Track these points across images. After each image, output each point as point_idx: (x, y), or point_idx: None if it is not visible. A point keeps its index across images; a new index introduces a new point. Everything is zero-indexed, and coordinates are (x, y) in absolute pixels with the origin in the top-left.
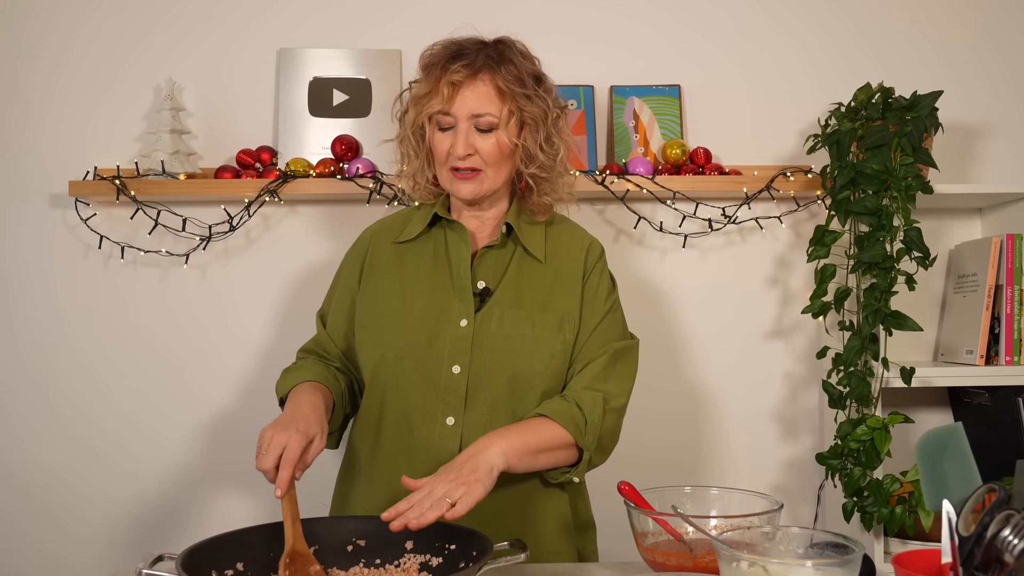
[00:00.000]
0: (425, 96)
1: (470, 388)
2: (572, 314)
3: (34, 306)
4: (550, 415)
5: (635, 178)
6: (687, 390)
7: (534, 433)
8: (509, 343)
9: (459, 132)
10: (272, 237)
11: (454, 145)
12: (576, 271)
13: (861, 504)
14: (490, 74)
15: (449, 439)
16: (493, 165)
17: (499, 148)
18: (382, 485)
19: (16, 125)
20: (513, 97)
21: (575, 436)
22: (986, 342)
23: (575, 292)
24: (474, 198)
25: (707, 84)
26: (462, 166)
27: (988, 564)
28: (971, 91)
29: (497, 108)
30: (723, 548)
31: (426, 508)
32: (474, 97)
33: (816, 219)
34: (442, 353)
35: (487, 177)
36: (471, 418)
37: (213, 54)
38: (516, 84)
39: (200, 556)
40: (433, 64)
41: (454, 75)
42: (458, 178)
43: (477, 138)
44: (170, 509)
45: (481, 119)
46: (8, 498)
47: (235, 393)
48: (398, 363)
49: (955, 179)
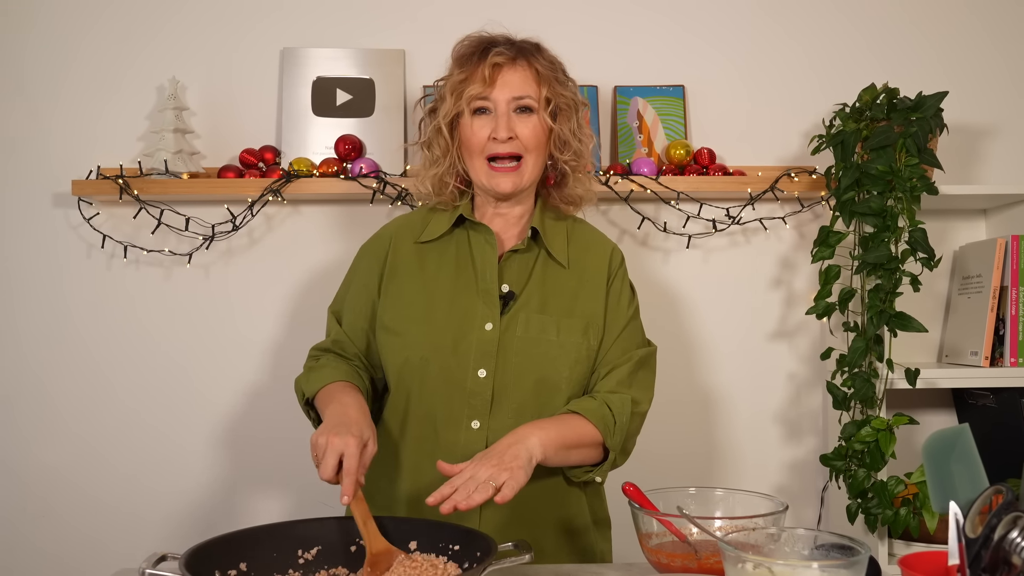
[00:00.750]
0: (463, 82)
1: (496, 392)
2: (597, 320)
3: (37, 305)
4: (582, 412)
5: (639, 178)
6: (690, 391)
7: (569, 428)
8: (536, 348)
9: (499, 116)
10: (275, 237)
11: (495, 129)
12: (600, 277)
13: (865, 506)
14: (527, 59)
15: (475, 442)
16: (533, 150)
17: (538, 132)
18: (404, 486)
19: (20, 124)
20: (549, 83)
21: (604, 435)
22: (991, 343)
23: (599, 298)
24: (515, 191)
25: (711, 84)
26: (503, 151)
27: (996, 566)
28: (976, 92)
29: (535, 92)
30: (729, 549)
31: (472, 491)
32: (515, 79)
33: (820, 220)
34: (468, 357)
35: (527, 166)
36: (496, 422)
37: (216, 53)
38: (551, 70)
39: (203, 556)
40: (469, 53)
41: (496, 58)
42: (497, 171)
43: (517, 122)
44: (173, 509)
45: (521, 101)
46: (11, 497)
47: (238, 393)
48: (423, 366)
49: (960, 180)
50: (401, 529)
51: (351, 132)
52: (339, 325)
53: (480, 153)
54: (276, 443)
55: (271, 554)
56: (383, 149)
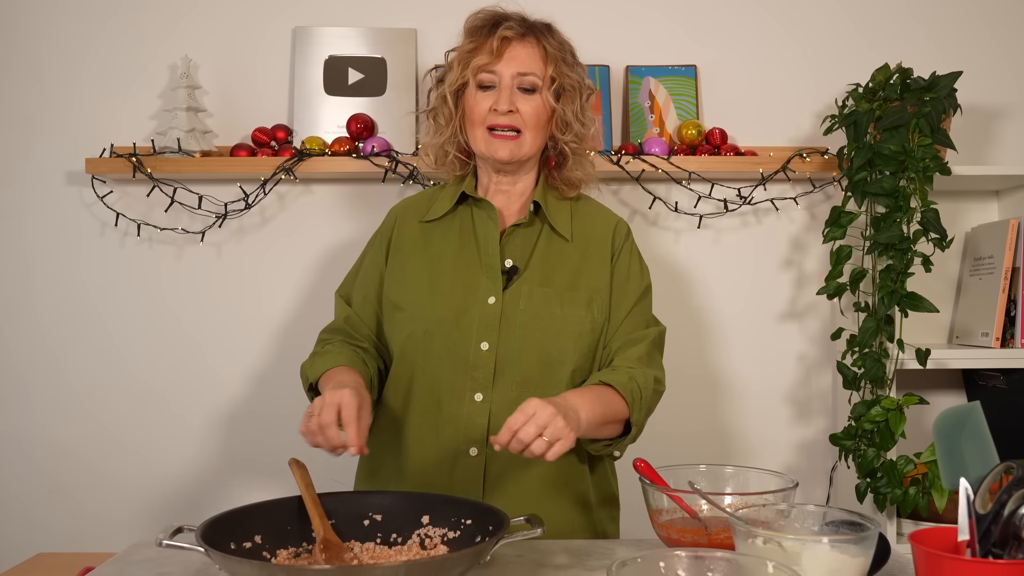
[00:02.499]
0: (471, 52)
1: (499, 365)
2: (601, 294)
3: (51, 283)
4: (614, 385)
5: (650, 158)
6: (701, 371)
7: (605, 405)
8: (538, 321)
9: (502, 90)
10: (287, 215)
11: (497, 101)
12: (604, 250)
13: (874, 485)
14: (537, 37)
15: (478, 415)
16: (532, 128)
17: (539, 111)
18: (409, 459)
19: (34, 103)
20: (556, 62)
21: (631, 409)
22: (1002, 325)
23: (604, 271)
24: (511, 160)
25: (723, 64)
26: (502, 123)
27: (1005, 541)
28: (991, 72)
29: (541, 70)
30: (739, 525)
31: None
32: (522, 55)
33: (832, 200)
34: (470, 330)
35: (525, 140)
36: (499, 394)
37: (229, 32)
38: (559, 51)
39: (219, 527)
40: (481, 25)
41: (505, 31)
42: (496, 138)
43: (519, 98)
44: (184, 486)
45: (525, 78)
46: (26, 473)
47: (250, 370)
48: (427, 339)
49: (973, 161)
50: (414, 504)
51: (363, 111)
52: (349, 307)
53: (481, 124)
54: (288, 419)
55: (285, 527)
56: (395, 128)
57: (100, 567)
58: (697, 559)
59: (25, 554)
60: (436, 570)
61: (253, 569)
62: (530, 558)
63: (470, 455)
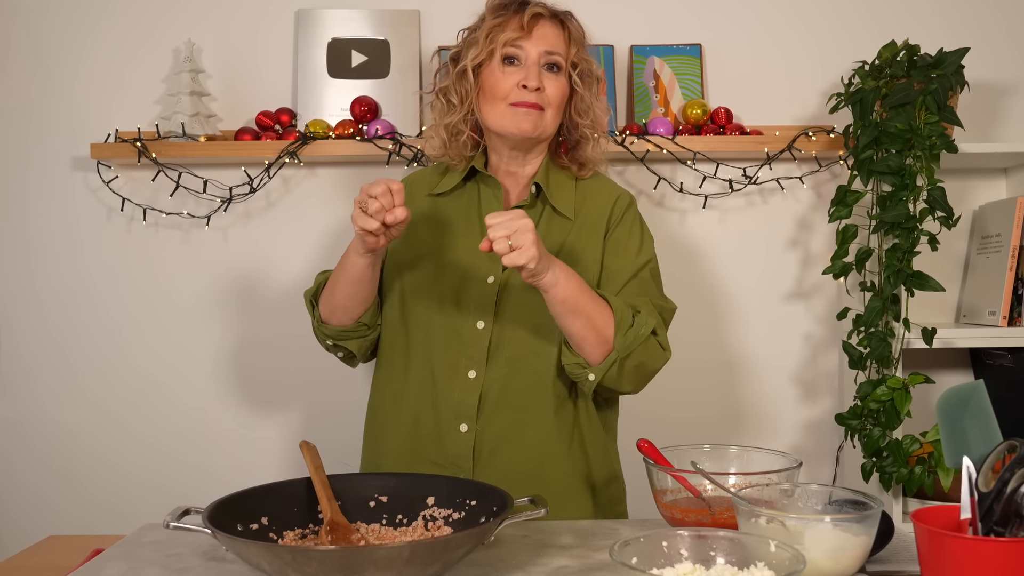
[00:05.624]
0: (498, 27)
1: (492, 343)
2: (593, 266)
3: (58, 269)
4: (607, 299)
5: (655, 139)
6: (707, 352)
7: (589, 297)
8: (534, 297)
9: (529, 66)
10: (292, 199)
11: (527, 77)
12: (600, 225)
13: (880, 464)
14: (562, 20)
15: (470, 392)
16: (555, 107)
17: (563, 91)
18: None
19: (38, 88)
20: (578, 46)
21: (616, 328)
22: (1009, 303)
23: (596, 244)
24: (534, 133)
25: (728, 43)
26: (529, 100)
27: (1007, 519)
28: (999, 49)
29: (565, 51)
30: (742, 504)
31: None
32: (551, 35)
33: (838, 180)
34: (468, 308)
35: (547, 117)
36: (493, 372)
37: (232, 16)
38: (580, 35)
39: (226, 510)
40: (508, 3)
41: (535, 8)
42: (521, 109)
43: (545, 77)
44: (191, 469)
45: (552, 57)
46: (34, 459)
47: (257, 355)
48: (427, 316)
49: (980, 138)
50: (419, 486)
51: (366, 93)
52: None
53: (504, 100)
54: (295, 403)
55: (291, 509)
56: (398, 110)
57: (109, 549)
58: (700, 538)
59: (35, 537)
60: (440, 551)
61: (260, 550)
62: (535, 538)
63: (460, 431)
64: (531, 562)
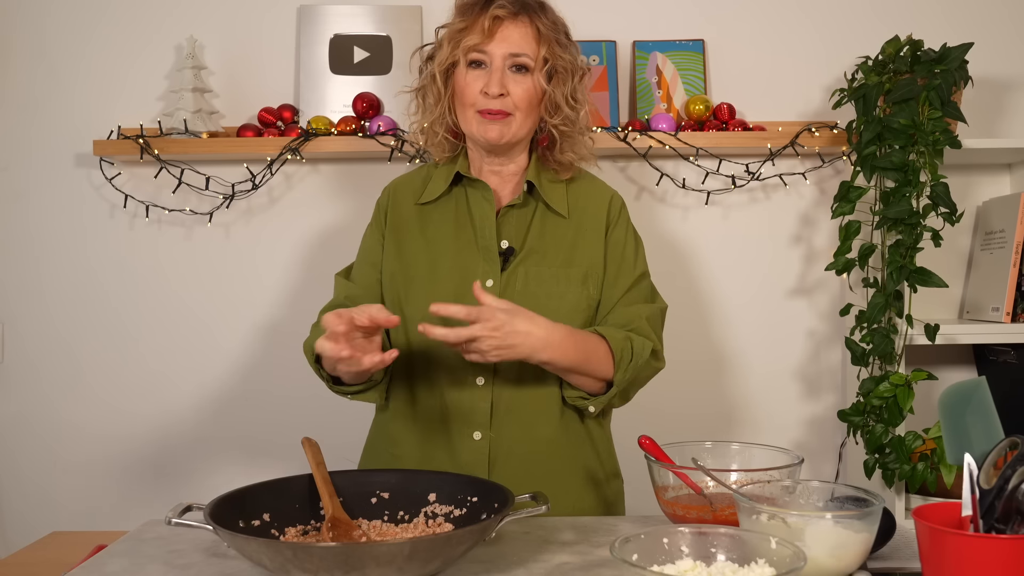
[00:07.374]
0: (462, 31)
1: None
2: (596, 269)
3: (61, 265)
4: (607, 338)
5: (658, 134)
6: (709, 348)
7: (585, 355)
8: (536, 301)
9: (493, 71)
10: (294, 195)
11: (488, 84)
12: (599, 224)
13: (883, 461)
14: (530, 16)
15: (480, 399)
16: (523, 110)
17: (531, 92)
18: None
19: (41, 85)
20: (549, 43)
21: (616, 368)
22: (1013, 299)
23: (598, 245)
24: (500, 141)
25: (731, 39)
26: (492, 107)
27: (1008, 516)
28: (1002, 44)
29: (533, 51)
30: (743, 501)
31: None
32: (515, 35)
33: (841, 175)
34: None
35: (515, 122)
36: (501, 377)
37: (234, 12)
38: (552, 31)
39: (228, 506)
40: (473, 3)
41: (497, 10)
42: (487, 118)
43: (510, 80)
44: (196, 465)
45: (517, 59)
46: (40, 454)
47: (260, 350)
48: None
49: (984, 134)
50: (420, 482)
51: (368, 90)
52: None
53: (471, 105)
54: (298, 399)
55: (293, 505)
56: (400, 107)
57: (112, 544)
58: (701, 535)
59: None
60: (441, 547)
61: (261, 546)
62: (536, 535)
63: (474, 439)
64: (532, 558)
